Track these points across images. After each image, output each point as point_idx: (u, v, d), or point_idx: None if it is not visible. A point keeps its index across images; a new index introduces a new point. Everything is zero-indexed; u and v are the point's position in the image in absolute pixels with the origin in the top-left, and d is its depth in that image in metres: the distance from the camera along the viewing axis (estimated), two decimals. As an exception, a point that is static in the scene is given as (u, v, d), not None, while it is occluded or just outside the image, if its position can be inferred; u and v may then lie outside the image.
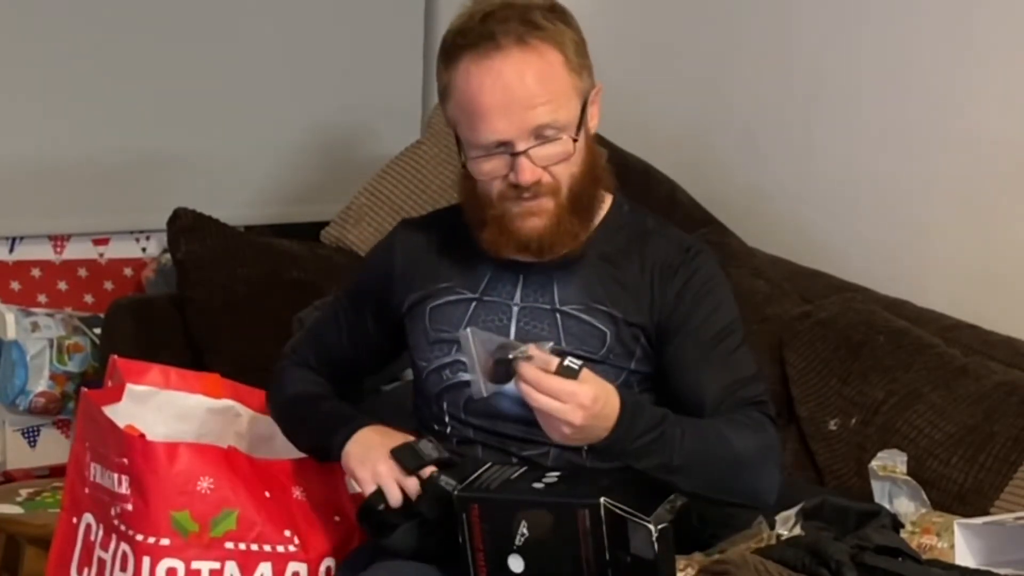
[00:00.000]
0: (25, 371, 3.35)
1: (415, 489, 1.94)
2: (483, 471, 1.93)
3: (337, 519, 2.13)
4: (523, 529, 1.84)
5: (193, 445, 2.08)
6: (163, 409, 2.27)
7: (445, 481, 1.91)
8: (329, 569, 2.10)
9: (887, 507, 2.20)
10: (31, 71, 3.40)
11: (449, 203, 2.14)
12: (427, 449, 1.97)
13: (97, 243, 3.64)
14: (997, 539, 2.02)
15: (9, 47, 3.38)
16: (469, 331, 1.85)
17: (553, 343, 1.95)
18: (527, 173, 1.92)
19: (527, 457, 2.00)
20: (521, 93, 1.90)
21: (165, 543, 2.02)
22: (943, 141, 2.84)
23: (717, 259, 2.10)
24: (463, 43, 1.93)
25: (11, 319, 3.37)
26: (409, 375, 2.24)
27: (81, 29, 3.45)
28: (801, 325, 2.72)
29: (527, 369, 1.81)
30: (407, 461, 1.95)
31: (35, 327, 3.38)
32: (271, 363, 2.27)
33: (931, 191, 2.87)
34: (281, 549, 2.07)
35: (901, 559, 1.90)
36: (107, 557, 2.08)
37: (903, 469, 2.38)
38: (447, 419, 2.06)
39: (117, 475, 2.05)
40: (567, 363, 1.81)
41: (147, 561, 2.01)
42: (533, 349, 1.83)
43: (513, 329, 2.02)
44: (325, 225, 3.47)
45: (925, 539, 2.18)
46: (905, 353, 2.55)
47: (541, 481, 1.89)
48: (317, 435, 2.09)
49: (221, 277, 3.12)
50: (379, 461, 1.96)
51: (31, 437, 3.48)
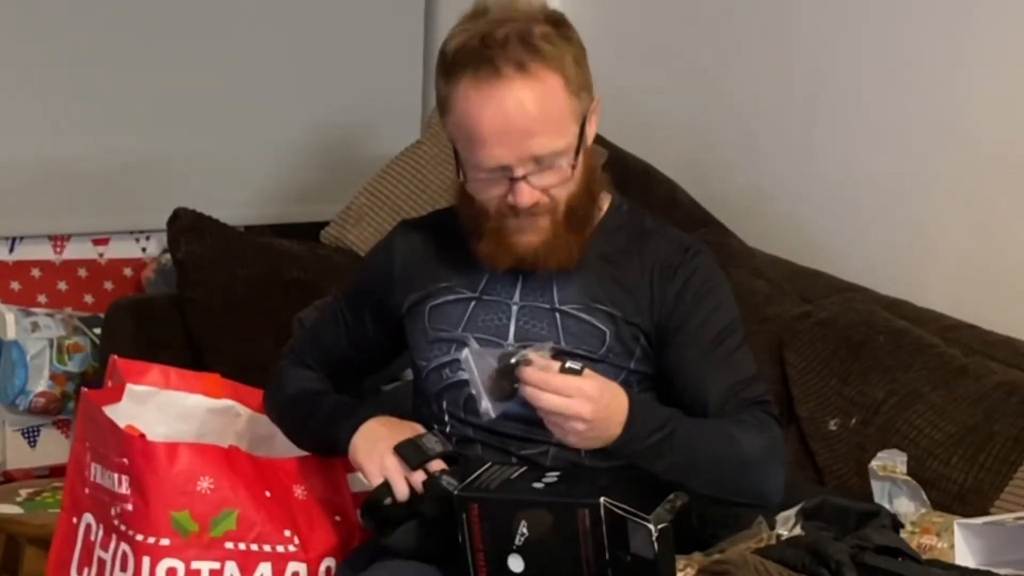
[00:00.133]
0: (25, 371, 3.34)
1: (421, 483, 1.93)
2: (483, 471, 1.93)
3: (338, 519, 2.13)
4: (523, 529, 1.84)
5: (193, 445, 2.08)
6: (163, 409, 2.27)
7: (447, 481, 1.91)
8: (329, 569, 2.10)
9: (887, 507, 2.20)
10: (31, 71, 3.40)
11: (449, 203, 2.14)
12: (430, 443, 1.97)
13: (97, 243, 3.64)
14: (997, 539, 2.02)
15: (9, 47, 3.38)
16: (467, 351, 1.86)
17: (552, 343, 1.95)
18: (525, 197, 1.92)
19: (526, 456, 2.00)
20: (521, 122, 1.89)
21: (165, 543, 2.02)
22: (943, 141, 2.84)
23: (717, 259, 2.10)
24: (463, 62, 1.90)
25: (11, 319, 3.37)
26: (409, 375, 2.24)
27: (81, 29, 3.44)
28: (801, 325, 2.72)
29: (530, 372, 1.81)
30: (411, 457, 1.95)
31: (35, 327, 3.38)
32: (271, 363, 2.27)
33: (931, 191, 2.87)
34: (281, 549, 2.07)
35: (901, 559, 1.89)
36: (107, 557, 2.08)
37: (903, 469, 2.38)
38: (447, 418, 2.05)
39: (117, 475, 2.05)
40: (568, 365, 1.82)
41: (147, 561, 2.01)
42: (532, 353, 1.84)
43: (512, 328, 2.02)
44: (325, 225, 3.47)
45: (925, 539, 2.18)
46: (905, 353, 2.55)
47: (541, 481, 1.89)
48: (322, 429, 2.08)
49: (221, 277, 3.12)
50: (386, 454, 1.96)
51: (31, 437, 3.47)
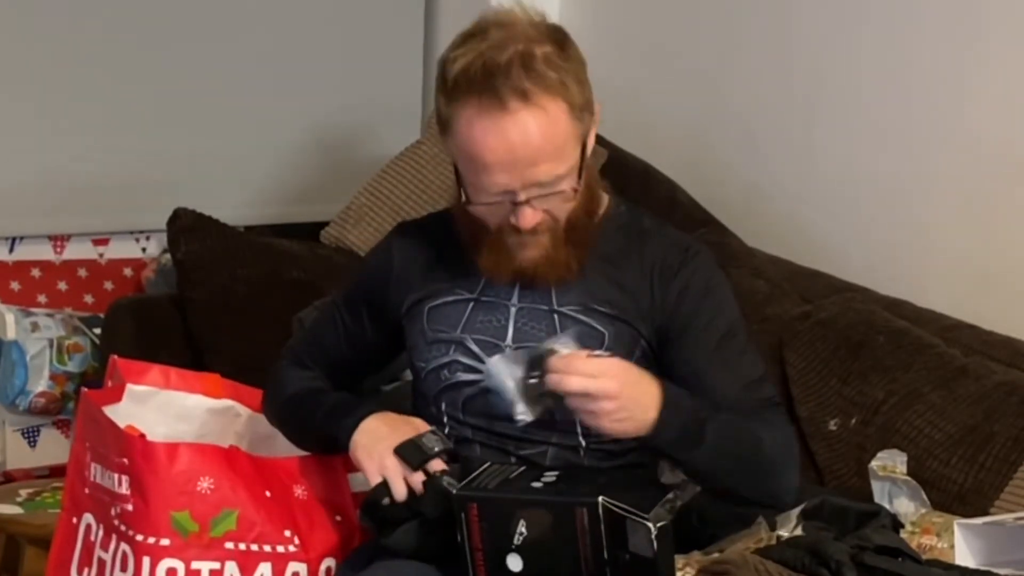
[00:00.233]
0: (25, 371, 3.35)
1: (421, 484, 1.93)
2: (482, 470, 1.93)
3: (338, 519, 2.13)
4: (522, 528, 1.84)
5: (193, 445, 2.08)
6: (163, 409, 2.27)
7: (447, 481, 1.91)
8: (329, 569, 2.10)
9: (887, 507, 2.20)
10: (31, 72, 3.41)
11: (448, 204, 2.14)
12: (430, 442, 1.97)
13: (97, 243, 3.64)
14: (997, 539, 2.02)
15: (9, 47, 3.38)
16: (491, 360, 1.86)
17: (575, 331, 1.94)
18: (528, 219, 1.92)
19: (525, 456, 2.00)
20: (525, 152, 1.87)
21: (165, 543, 2.02)
22: (943, 141, 2.84)
23: (717, 259, 2.10)
24: (466, 88, 1.88)
25: (11, 319, 3.37)
26: (409, 375, 2.24)
27: (81, 29, 3.45)
28: (801, 325, 2.72)
29: (554, 360, 1.82)
30: (411, 458, 1.95)
31: (35, 327, 3.38)
32: (271, 363, 2.27)
33: (931, 191, 2.87)
34: (281, 549, 2.07)
35: (901, 559, 1.89)
36: (107, 557, 2.08)
37: (903, 469, 2.38)
38: (446, 419, 2.05)
39: (117, 475, 2.05)
40: (595, 352, 1.84)
41: (147, 561, 2.01)
42: (556, 344, 1.84)
43: (511, 330, 2.02)
44: (325, 225, 3.47)
45: (925, 539, 2.18)
46: (905, 353, 2.55)
47: (540, 480, 1.89)
48: (323, 426, 2.08)
49: (221, 277, 3.12)
50: (386, 454, 1.96)
51: (31, 437, 3.47)
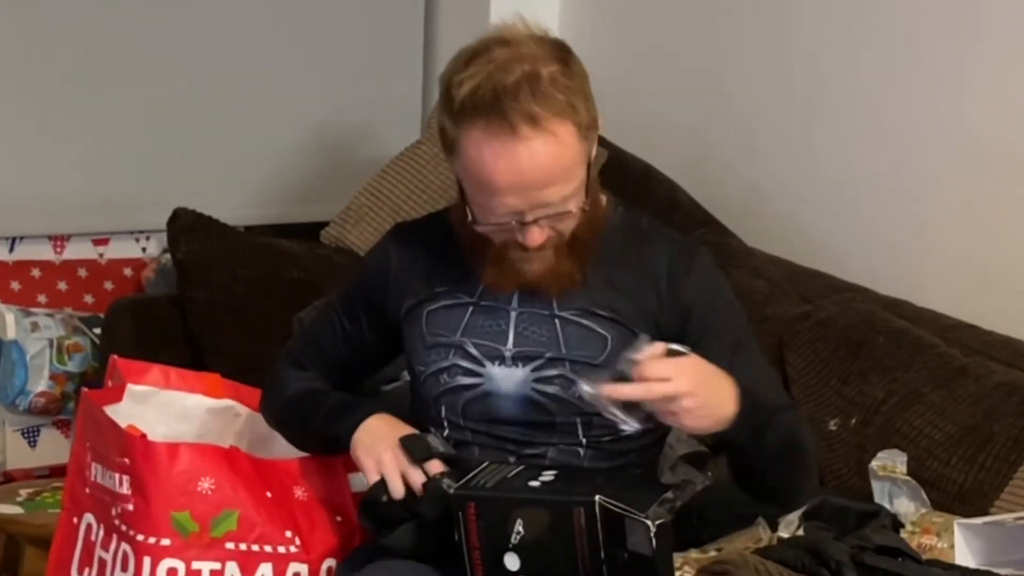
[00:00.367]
0: (25, 371, 3.35)
1: (419, 481, 1.94)
2: (480, 470, 1.93)
3: (339, 519, 2.13)
4: (519, 527, 1.84)
5: (194, 445, 2.08)
6: (163, 409, 2.27)
7: (446, 483, 1.91)
8: (330, 570, 2.10)
9: (887, 507, 2.20)
10: (31, 72, 3.41)
11: (448, 204, 2.13)
12: (435, 442, 1.98)
13: (97, 243, 3.64)
14: (997, 539, 2.02)
15: (9, 47, 3.38)
16: (584, 391, 1.85)
17: (649, 336, 1.91)
18: (536, 238, 1.91)
19: (526, 458, 1.99)
20: (535, 176, 1.86)
21: (166, 543, 2.02)
22: (943, 141, 2.84)
23: (717, 259, 2.10)
24: (473, 110, 1.85)
25: (11, 319, 3.37)
26: (408, 375, 2.23)
27: (81, 29, 3.45)
28: (801, 325, 2.72)
29: (634, 371, 1.81)
30: (416, 451, 1.95)
31: (35, 327, 3.38)
32: (270, 364, 2.26)
33: (931, 191, 2.87)
34: (282, 550, 2.07)
35: (901, 559, 1.89)
36: (108, 557, 2.08)
37: (903, 469, 2.38)
38: (445, 423, 2.05)
39: (118, 475, 2.05)
40: (672, 347, 1.83)
41: (148, 561, 2.02)
42: (633, 354, 1.82)
43: (511, 334, 2.01)
44: (325, 225, 3.47)
45: (925, 539, 2.18)
46: (905, 353, 2.55)
47: (537, 479, 1.89)
48: (324, 427, 2.08)
49: (221, 277, 3.12)
50: (385, 452, 1.96)
51: (31, 437, 3.48)
